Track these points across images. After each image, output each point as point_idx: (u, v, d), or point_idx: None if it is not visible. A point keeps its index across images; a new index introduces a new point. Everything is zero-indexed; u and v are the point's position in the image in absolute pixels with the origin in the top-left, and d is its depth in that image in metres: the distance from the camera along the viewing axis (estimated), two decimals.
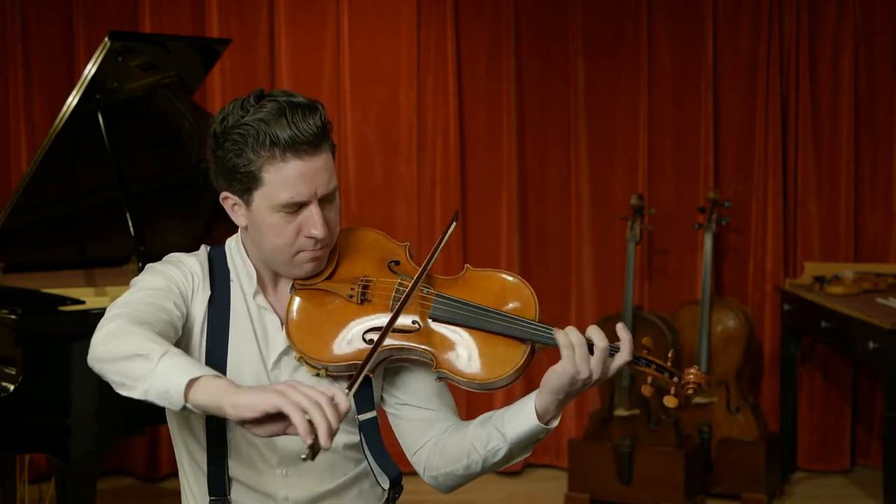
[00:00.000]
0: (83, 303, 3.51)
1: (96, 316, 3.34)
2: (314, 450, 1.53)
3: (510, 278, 1.93)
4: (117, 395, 1.73)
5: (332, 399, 1.56)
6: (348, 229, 2.00)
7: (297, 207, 1.84)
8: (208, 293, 1.93)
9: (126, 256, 4.09)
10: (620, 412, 4.72)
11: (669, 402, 1.87)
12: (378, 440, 1.95)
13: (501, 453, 1.89)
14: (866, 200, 5.23)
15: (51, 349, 3.24)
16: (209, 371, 1.61)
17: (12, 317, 3.24)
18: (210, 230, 4.19)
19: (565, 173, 5.32)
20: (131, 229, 3.58)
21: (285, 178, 1.81)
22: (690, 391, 1.86)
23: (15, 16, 5.21)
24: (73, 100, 3.56)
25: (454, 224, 1.95)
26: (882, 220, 5.22)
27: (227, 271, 1.96)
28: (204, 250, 2.00)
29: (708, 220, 4.95)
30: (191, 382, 1.59)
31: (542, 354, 1.97)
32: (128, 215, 3.59)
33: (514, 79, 5.24)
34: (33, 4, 5.24)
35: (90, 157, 3.73)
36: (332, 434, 1.53)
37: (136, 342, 1.66)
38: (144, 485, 5.21)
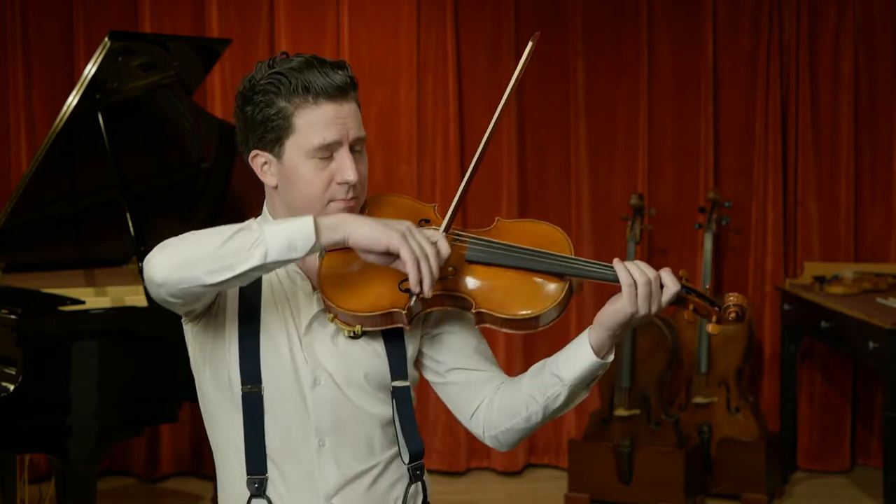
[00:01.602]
0: (83, 303, 3.51)
1: (96, 316, 3.40)
2: (419, 296, 1.75)
3: (541, 223, 1.95)
4: (117, 395, 1.73)
5: (437, 250, 1.73)
6: (377, 195, 2.00)
7: (329, 152, 1.86)
8: None
9: (126, 256, 4.09)
10: (620, 412, 4.72)
11: (713, 328, 1.86)
12: (409, 410, 1.95)
13: (562, 398, 1.89)
14: (866, 200, 5.23)
15: (51, 349, 3.24)
16: (307, 217, 1.72)
17: (12, 317, 3.24)
18: None
19: (565, 173, 5.32)
20: (131, 229, 3.58)
21: (318, 120, 1.85)
22: (733, 315, 1.84)
23: (15, 16, 5.21)
24: (73, 100, 3.57)
25: (532, 44, 2.00)
26: (882, 220, 5.22)
27: None
28: None
29: (708, 220, 4.95)
30: (315, 223, 1.71)
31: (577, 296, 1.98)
32: (128, 215, 3.59)
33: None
34: (33, 4, 5.24)
35: (90, 157, 3.73)
36: (433, 284, 1.73)
37: (218, 231, 1.75)
38: (144, 485, 5.21)
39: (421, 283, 1.72)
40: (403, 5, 5.23)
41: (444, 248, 1.75)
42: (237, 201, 4.39)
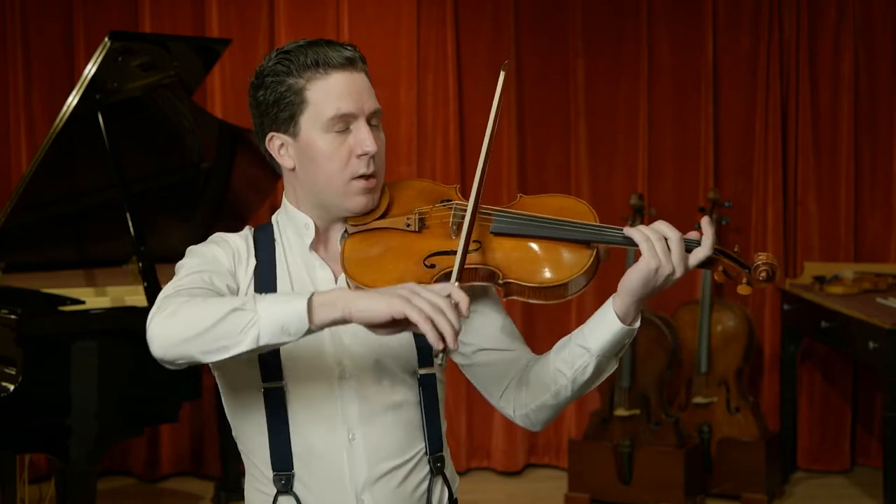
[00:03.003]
0: (83, 303, 3.51)
1: (96, 316, 3.40)
2: (446, 353, 1.63)
3: (565, 197, 1.93)
4: (117, 395, 1.73)
5: (450, 300, 1.62)
6: (397, 180, 2.00)
7: (345, 125, 1.85)
8: (253, 263, 1.92)
9: (126, 256, 4.09)
10: (620, 412, 4.72)
11: (743, 290, 1.83)
12: (434, 400, 1.94)
13: (590, 369, 1.86)
14: (866, 200, 5.23)
15: (51, 349, 3.24)
16: (307, 293, 1.64)
17: (12, 317, 3.24)
18: (210, 230, 4.19)
19: (565, 173, 5.32)
20: (131, 229, 3.58)
21: (330, 90, 1.84)
22: (763, 275, 1.81)
23: (15, 16, 5.21)
24: (73, 100, 3.57)
25: (503, 74, 1.93)
26: (882, 220, 5.22)
27: (273, 240, 1.94)
28: (248, 229, 1.99)
29: None
30: (309, 304, 1.62)
31: (606, 269, 1.96)
32: (128, 215, 3.59)
33: (514, 79, 5.24)
34: (33, 4, 5.24)
35: (90, 157, 3.73)
36: (457, 335, 1.61)
37: (213, 306, 1.67)
38: (144, 485, 5.21)
39: (443, 338, 1.61)
40: (403, 5, 5.23)
41: (459, 296, 1.64)
42: (237, 201, 4.39)
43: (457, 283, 1.69)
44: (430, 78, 5.25)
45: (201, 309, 1.67)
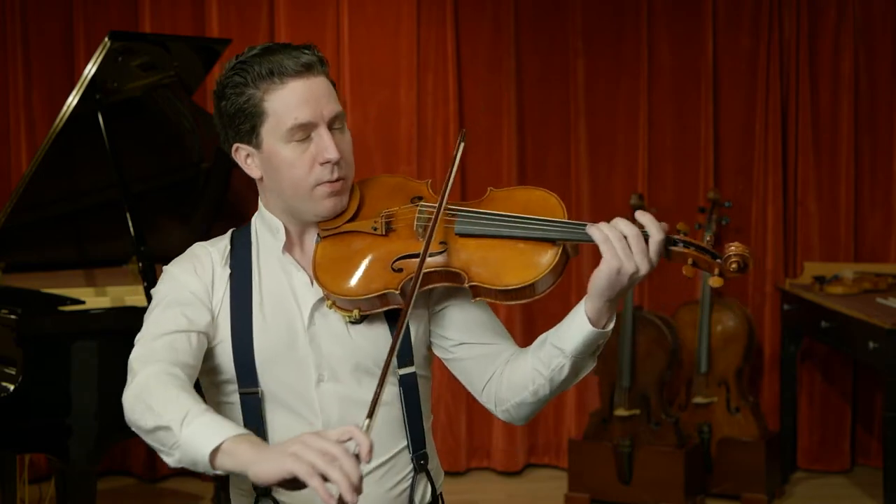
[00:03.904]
0: (83, 303, 3.51)
1: (96, 316, 3.40)
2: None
3: (534, 189, 1.90)
4: (117, 395, 1.74)
5: (346, 449, 1.51)
6: (370, 178, 1.99)
7: (306, 133, 1.84)
8: (227, 272, 1.92)
9: (126, 256, 4.09)
10: (620, 412, 4.72)
11: (715, 282, 1.79)
12: (415, 396, 1.94)
13: (566, 370, 1.84)
14: (866, 200, 5.23)
15: (51, 349, 3.24)
16: (230, 431, 1.60)
17: (12, 317, 3.24)
18: (210, 230, 4.19)
19: (565, 173, 5.32)
20: (131, 229, 3.58)
21: (287, 100, 1.83)
22: (734, 266, 1.77)
23: (15, 16, 5.21)
24: (73, 100, 3.56)
25: (461, 145, 1.90)
26: (882, 220, 5.22)
27: (250, 244, 1.95)
28: (229, 233, 2.00)
29: (708, 220, 4.95)
30: (214, 452, 1.59)
31: (577, 263, 1.94)
32: (128, 215, 3.59)
33: (514, 78, 5.24)
34: (33, 4, 5.24)
35: (90, 157, 3.73)
36: (355, 487, 1.49)
37: (158, 410, 1.67)
38: (144, 485, 5.21)
39: (341, 496, 1.48)
40: (403, 5, 5.23)
41: (360, 440, 1.53)
42: (237, 201, 4.39)
43: (367, 422, 1.60)
44: (430, 78, 5.25)
45: (149, 406, 1.69)
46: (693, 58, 5.22)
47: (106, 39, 3.54)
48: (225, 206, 4.34)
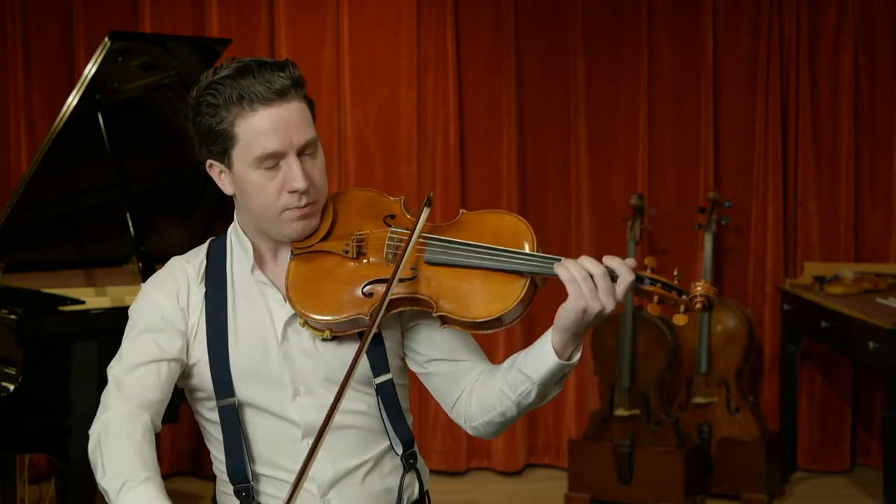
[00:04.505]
0: (83, 303, 3.51)
1: (96, 316, 3.40)
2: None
3: (504, 215, 1.91)
4: None
5: None
6: (343, 192, 1.99)
7: (274, 161, 1.83)
8: (203, 290, 1.93)
9: (126, 256, 4.09)
10: (620, 412, 4.72)
11: (679, 320, 1.80)
12: (394, 402, 1.95)
13: (533, 395, 1.86)
14: (866, 200, 5.23)
15: (51, 349, 3.24)
16: None
17: (12, 317, 3.24)
18: (210, 230, 4.19)
19: (565, 173, 5.32)
20: (131, 229, 3.58)
21: (256, 129, 1.82)
22: (699, 305, 1.78)
23: (15, 16, 5.21)
24: (73, 100, 3.57)
25: (426, 210, 1.88)
26: (882, 220, 5.22)
27: (225, 259, 1.96)
28: (205, 245, 2.00)
29: (708, 220, 4.95)
30: None
31: (548, 291, 1.95)
32: (128, 215, 3.59)
33: (514, 78, 5.24)
34: (33, 4, 5.24)
35: (90, 157, 3.73)
36: None
37: (106, 468, 1.75)
38: None
39: None
40: (403, 5, 5.23)
41: None
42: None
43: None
44: (430, 78, 5.25)
45: (99, 469, 1.77)
46: (693, 58, 5.21)
47: (106, 39, 3.54)
48: (225, 206, 4.34)
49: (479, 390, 1.95)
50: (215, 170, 1.91)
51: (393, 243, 1.89)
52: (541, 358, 1.83)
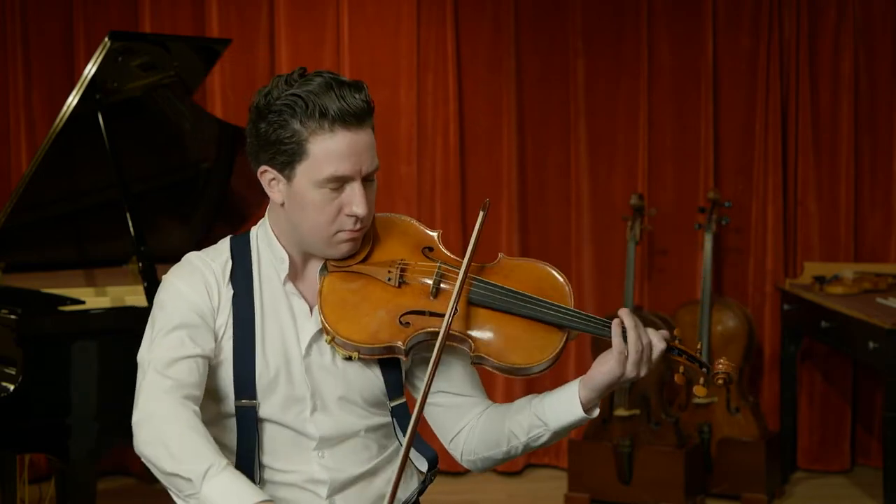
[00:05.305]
0: (83, 303, 3.51)
1: (96, 316, 3.40)
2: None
3: (545, 267, 1.95)
4: (117, 395, 1.75)
5: None
6: (380, 215, 2.00)
7: (340, 183, 1.83)
8: (231, 292, 1.90)
9: (126, 256, 4.09)
10: (620, 412, 4.72)
11: (699, 391, 1.90)
12: (408, 420, 1.93)
13: (544, 439, 1.92)
14: (866, 200, 5.23)
15: (51, 349, 3.24)
16: (251, 497, 1.63)
17: (12, 317, 3.24)
18: (211, 230, 4.19)
19: (565, 173, 5.32)
20: (131, 229, 3.58)
21: (332, 150, 1.80)
22: (720, 381, 1.89)
23: (15, 16, 5.21)
24: (73, 100, 3.57)
25: (483, 213, 1.92)
26: (882, 220, 5.22)
27: (251, 262, 1.93)
28: (226, 243, 1.96)
29: (708, 220, 4.95)
30: None
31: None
32: (128, 215, 3.59)
33: (514, 78, 5.24)
34: (33, 4, 5.24)
35: (90, 157, 3.73)
36: None
37: (178, 457, 1.69)
38: (144, 485, 5.21)
39: None
40: (403, 5, 5.23)
41: None
42: (237, 201, 4.39)
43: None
44: (430, 78, 5.25)
45: (170, 458, 1.70)
46: (693, 58, 5.21)
47: (106, 39, 3.54)
48: (225, 206, 4.34)
49: (482, 426, 1.97)
50: (267, 176, 1.88)
51: (438, 278, 1.89)
52: (565, 408, 1.88)
